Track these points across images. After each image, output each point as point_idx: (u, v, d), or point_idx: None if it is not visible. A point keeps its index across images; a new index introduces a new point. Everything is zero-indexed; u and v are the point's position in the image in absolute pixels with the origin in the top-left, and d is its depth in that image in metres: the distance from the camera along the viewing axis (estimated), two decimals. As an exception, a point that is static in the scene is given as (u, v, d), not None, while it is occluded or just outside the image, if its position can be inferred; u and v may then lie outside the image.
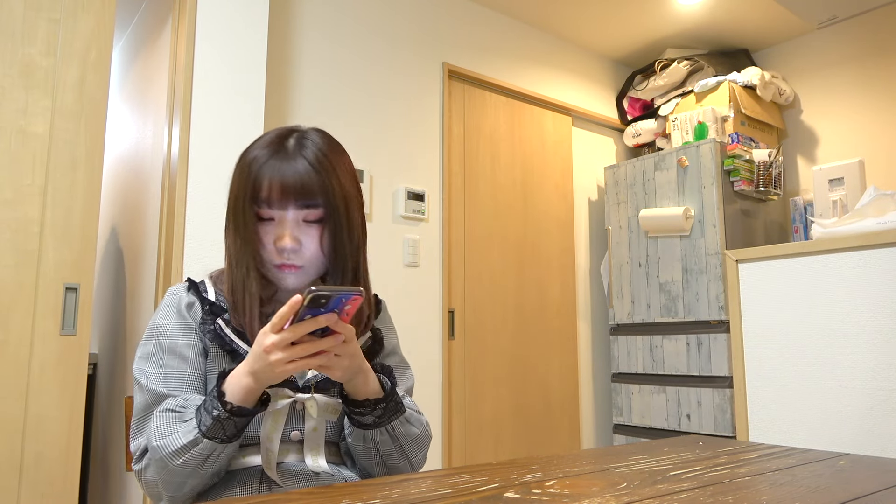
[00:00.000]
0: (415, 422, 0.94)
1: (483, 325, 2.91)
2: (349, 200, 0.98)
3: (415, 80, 2.81)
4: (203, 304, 0.95)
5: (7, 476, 1.64)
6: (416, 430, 0.94)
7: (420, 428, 0.95)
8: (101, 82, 1.89)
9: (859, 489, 0.61)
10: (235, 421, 0.82)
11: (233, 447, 0.85)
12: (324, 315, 0.76)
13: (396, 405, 0.91)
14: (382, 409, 0.89)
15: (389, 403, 0.90)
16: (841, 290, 1.96)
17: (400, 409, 0.92)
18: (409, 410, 0.94)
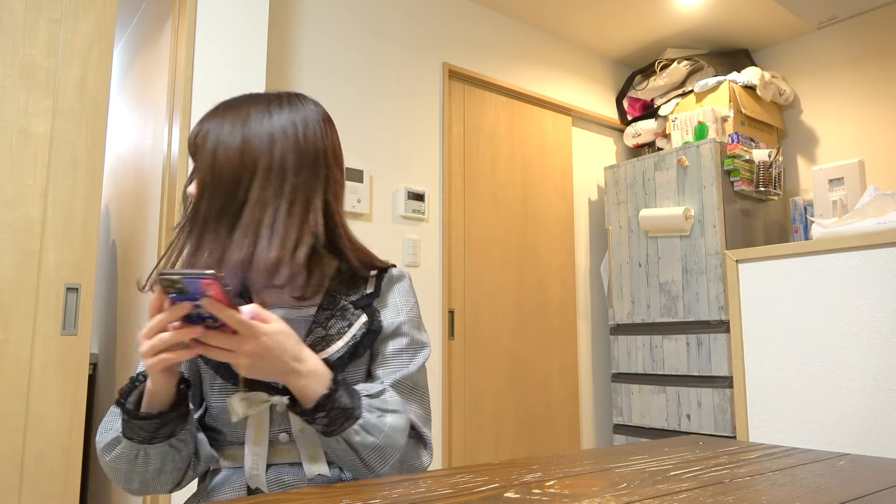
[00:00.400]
0: (372, 430, 0.81)
1: (483, 325, 2.91)
2: (216, 157, 0.89)
3: (415, 80, 2.81)
4: None
5: (8, 475, 1.65)
6: (374, 440, 0.81)
7: (380, 436, 0.81)
8: (102, 83, 1.89)
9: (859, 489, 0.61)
10: (140, 424, 0.80)
11: (166, 446, 0.83)
12: (186, 302, 0.72)
13: (344, 412, 0.79)
14: (325, 418, 0.79)
15: (331, 412, 0.79)
16: (841, 290, 1.96)
17: (351, 415, 0.80)
18: (365, 416, 0.81)
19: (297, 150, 0.90)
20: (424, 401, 0.94)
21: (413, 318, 0.97)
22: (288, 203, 0.89)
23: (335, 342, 0.90)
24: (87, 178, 1.84)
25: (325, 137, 0.94)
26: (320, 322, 0.92)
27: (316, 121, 0.94)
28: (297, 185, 0.90)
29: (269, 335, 0.76)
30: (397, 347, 0.93)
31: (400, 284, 0.99)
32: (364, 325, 0.92)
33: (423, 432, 0.92)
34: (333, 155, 0.95)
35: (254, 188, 0.88)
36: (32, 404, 1.70)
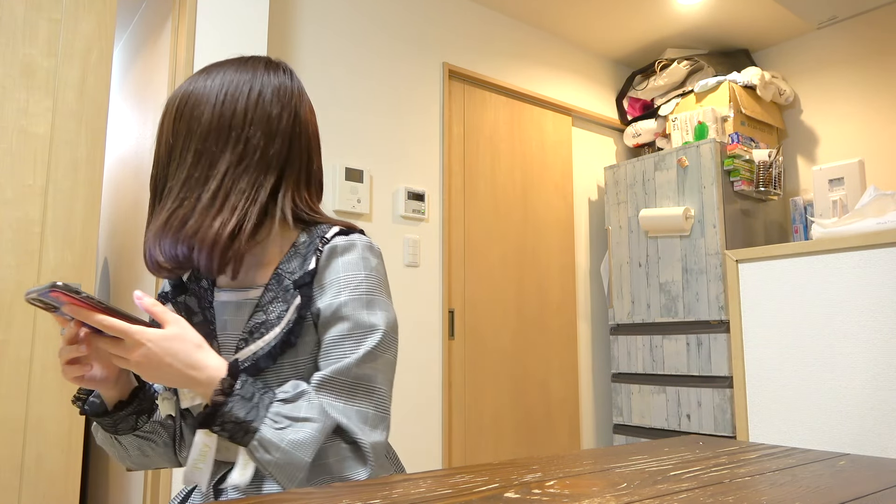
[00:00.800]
0: (269, 446, 0.71)
1: (483, 325, 2.91)
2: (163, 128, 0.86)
3: (415, 80, 2.81)
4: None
5: (8, 476, 1.65)
6: (271, 458, 0.71)
7: (276, 454, 0.71)
8: (102, 83, 1.89)
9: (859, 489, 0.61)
10: (97, 419, 0.85)
11: (134, 437, 0.88)
12: (61, 317, 0.74)
13: (239, 426, 0.71)
14: (223, 431, 0.72)
15: (225, 426, 0.71)
16: (841, 290, 1.96)
17: (247, 429, 0.71)
18: (263, 430, 0.71)
19: (217, 115, 0.83)
20: (374, 397, 0.78)
21: (360, 297, 0.82)
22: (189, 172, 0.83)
23: (274, 328, 0.82)
24: (87, 178, 1.84)
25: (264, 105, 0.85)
26: (262, 305, 0.84)
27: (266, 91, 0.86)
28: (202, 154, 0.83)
29: (154, 342, 0.72)
30: (337, 334, 0.80)
31: (346, 257, 0.84)
32: (296, 309, 0.81)
33: (359, 440, 0.75)
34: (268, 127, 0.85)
35: (175, 157, 0.84)
36: (32, 405, 1.70)
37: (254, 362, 0.80)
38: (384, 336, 0.80)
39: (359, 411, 0.77)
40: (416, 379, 2.63)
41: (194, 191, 0.82)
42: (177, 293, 0.92)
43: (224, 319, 0.88)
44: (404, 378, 2.59)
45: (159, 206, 0.85)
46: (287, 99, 0.88)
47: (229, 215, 0.81)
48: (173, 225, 0.81)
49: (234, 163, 0.83)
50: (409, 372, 2.60)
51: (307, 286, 0.82)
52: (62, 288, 0.68)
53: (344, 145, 2.54)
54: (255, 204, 0.83)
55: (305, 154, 0.90)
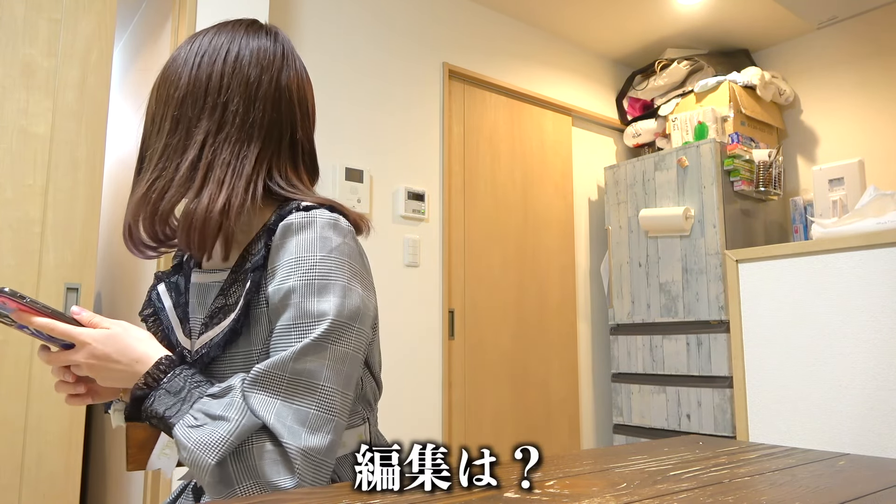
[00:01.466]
0: (179, 444, 0.68)
1: (483, 325, 2.91)
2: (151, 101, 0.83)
3: (415, 80, 2.81)
4: None
5: (8, 476, 1.65)
6: (182, 455, 0.68)
7: (184, 453, 0.67)
8: (102, 83, 1.89)
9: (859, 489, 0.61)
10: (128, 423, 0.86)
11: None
12: (12, 325, 0.74)
13: (160, 421, 0.70)
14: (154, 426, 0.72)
15: (151, 419, 0.71)
16: (841, 290, 1.96)
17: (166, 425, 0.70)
18: (177, 428, 0.68)
19: (193, 79, 0.79)
20: (317, 396, 0.69)
21: (310, 282, 0.72)
22: (167, 141, 0.79)
23: (230, 314, 0.77)
24: (88, 178, 1.84)
25: (242, 68, 0.80)
26: (224, 289, 0.79)
27: (245, 53, 0.81)
28: (178, 121, 0.79)
29: (98, 340, 0.73)
30: (282, 324, 0.72)
31: (300, 236, 0.74)
32: (246, 293, 0.75)
33: (285, 443, 0.67)
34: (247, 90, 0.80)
35: (155, 124, 0.81)
36: (32, 405, 1.70)
37: (207, 350, 0.77)
38: (333, 326, 0.70)
39: (297, 411, 0.68)
40: (416, 379, 2.63)
41: (172, 160, 0.78)
42: (173, 273, 0.90)
43: (194, 301, 0.85)
44: (404, 378, 2.59)
45: (139, 177, 0.82)
46: (267, 62, 0.82)
47: (216, 189, 0.76)
48: (151, 198, 0.77)
49: (214, 131, 0.78)
50: (409, 372, 2.60)
51: (259, 269, 0.75)
52: (8, 293, 0.69)
53: (344, 145, 2.54)
54: (241, 177, 0.77)
55: (288, 123, 0.83)
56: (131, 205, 0.79)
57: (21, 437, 1.68)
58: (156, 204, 0.77)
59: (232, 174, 0.77)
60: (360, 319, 0.74)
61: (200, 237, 0.75)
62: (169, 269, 0.92)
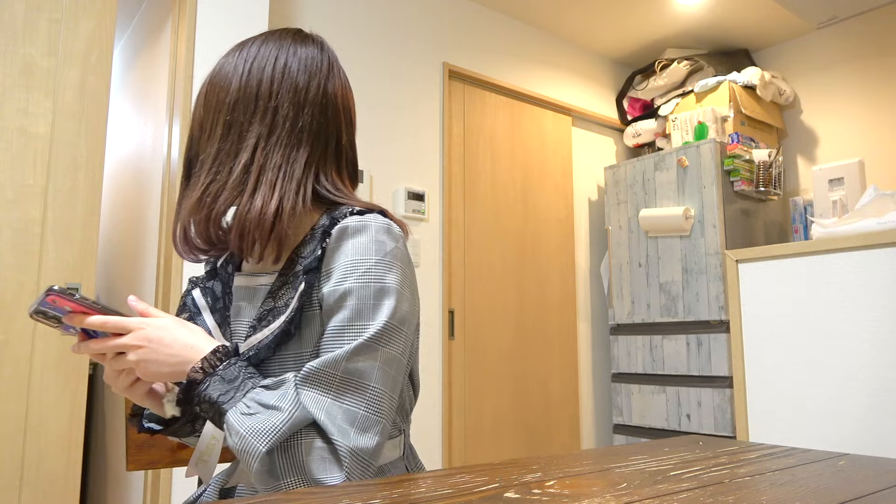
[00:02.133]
0: (231, 430, 0.68)
1: (483, 325, 2.91)
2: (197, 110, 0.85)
3: (415, 80, 2.81)
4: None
5: (8, 475, 1.65)
6: (232, 442, 0.68)
7: (236, 439, 0.68)
8: (102, 83, 1.89)
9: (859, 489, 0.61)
10: (158, 433, 0.85)
11: (196, 437, 0.87)
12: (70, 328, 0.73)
13: (212, 406, 0.70)
14: (202, 412, 0.71)
15: (201, 405, 0.71)
16: (841, 290, 1.96)
17: (219, 410, 0.70)
18: (230, 414, 0.69)
19: (244, 85, 0.81)
20: (366, 395, 0.71)
21: (366, 284, 0.74)
22: (220, 146, 0.81)
23: (280, 317, 0.77)
24: (87, 178, 1.84)
25: (290, 75, 0.82)
26: (273, 291, 0.80)
27: (293, 61, 0.83)
28: (230, 126, 0.80)
29: (151, 325, 0.73)
30: (336, 324, 0.73)
31: (356, 239, 0.76)
32: (299, 297, 0.76)
33: (335, 441, 0.68)
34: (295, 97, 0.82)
35: (205, 130, 0.83)
36: (32, 404, 1.70)
37: (256, 352, 0.76)
38: (385, 328, 0.72)
39: (347, 410, 0.69)
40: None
41: (225, 164, 0.80)
42: (208, 279, 0.91)
43: (239, 305, 0.86)
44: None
45: (191, 181, 0.83)
46: (315, 69, 0.84)
47: (269, 192, 0.77)
48: (206, 201, 0.79)
49: (265, 135, 0.80)
50: (409, 372, 2.60)
51: (313, 272, 0.76)
52: (57, 291, 0.67)
53: (344, 145, 2.53)
54: (293, 180, 0.79)
55: (333, 129, 0.85)
56: (185, 208, 0.81)
57: (21, 437, 1.68)
58: (210, 207, 0.79)
59: (283, 177, 0.79)
60: (407, 324, 0.76)
61: (254, 239, 0.77)
62: (202, 275, 0.92)
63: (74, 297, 0.69)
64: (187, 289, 0.91)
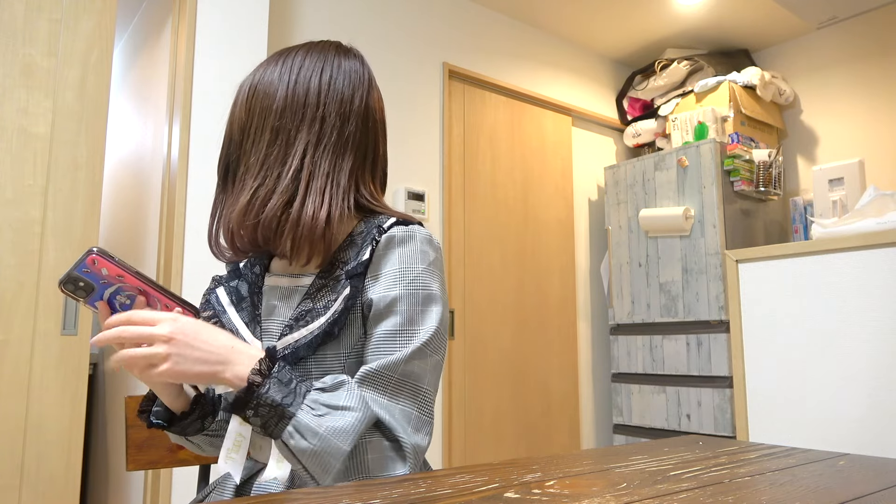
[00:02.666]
0: (306, 432, 0.67)
1: (483, 325, 2.91)
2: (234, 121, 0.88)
3: (415, 80, 2.81)
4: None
5: (8, 475, 1.65)
6: (308, 445, 0.67)
7: (314, 440, 0.67)
8: (102, 83, 1.89)
9: (860, 489, 0.61)
10: (164, 430, 0.84)
11: (204, 436, 0.87)
12: (99, 301, 0.71)
13: (275, 410, 0.67)
14: (256, 416, 0.68)
15: (259, 409, 0.68)
16: (841, 290, 1.96)
17: (283, 414, 0.67)
18: (300, 416, 0.68)
19: (291, 93, 0.84)
20: (419, 397, 0.75)
21: (415, 292, 0.78)
22: (266, 153, 0.82)
23: (320, 318, 0.79)
24: (88, 178, 1.84)
25: (336, 86, 0.85)
26: (311, 293, 0.82)
27: (338, 74, 0.86)
28: (278, 132, 0.82)
29: (182, 319, 0.70)
30: (387, 329, 0.76)
31: (404, 248, 0.80)
32: (344, 300, 0.78)
33: (401, 438, 0.71)
34: (341, 107, 0.85)
35: (250, 135, 0.84)
36: (32, 404, 1.70)
37: (294, 350, 0.78)
38: (436, 336, 0.78)
39: (403, 410, 0.73)
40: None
41: (273, 169, 0.81)
42: (231, 278, 0.92)
43: (272, 304, 0.87)
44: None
45: (235, 185, 0.85)
46: (358, 82, 0.87)
47: (319, 199, 0.80)
48: (255, 206, 0.80)
49: (314, 143, 0.82)
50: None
51: (359, 276, 0.79)
52: (98, 252, 0.67)
53: (344, 145, 2.54)
54: (339, 188, 0.82)
55: (373, 140, 0.88)
56: (234, 212, 0.82)
57: (21, 437, 1.68)
58: (259, 211, 0.80)
59: (331, 185, 0.81)
60: (446, 330, 0.83)
61: (306, 244, 0.79)
62: (224, 274, 0.93)
63: (115, 260, 0.69)
64: (210, 287, 0.92)
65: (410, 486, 0.60)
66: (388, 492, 0.58)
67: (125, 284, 0.72)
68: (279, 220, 0.80)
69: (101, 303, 0.72)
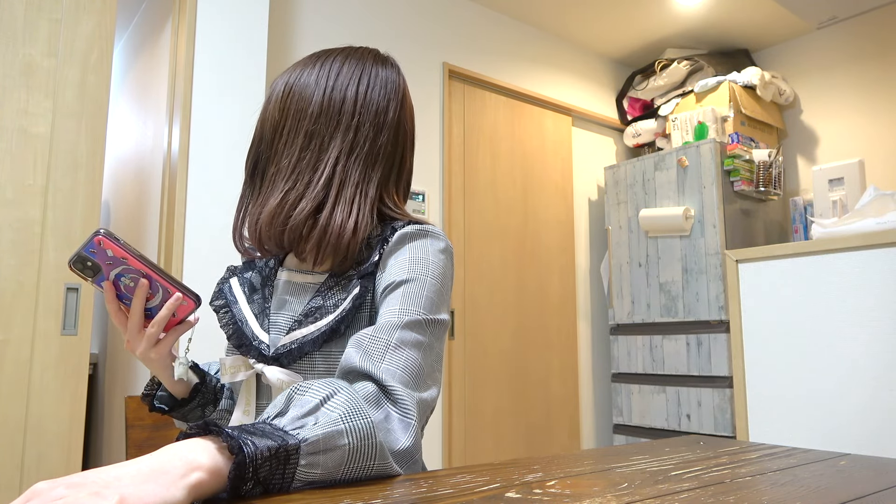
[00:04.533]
0: (323, 443, 0.55)
1: (483, 325, 2.91)
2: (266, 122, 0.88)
3: (415, 81, 2.81)
4: None
5: (8, 475, 1.65)
6: (341, 445, 0.57)
7: (346, 439, 0.57)
8: (102, 83, 1.89)
9: (860, 489, 0.61)
10: (167, 414, 0.89)
11: (190, 411, 0.90)
12: (105, 282, 0.74)
13: (274, 459, 0.52)
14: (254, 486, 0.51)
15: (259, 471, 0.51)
16: (841, 290, 1.96)
17: (287, 453, 0.53)
18: (302, 434, 0.54)
19: (327, 98, 0.84)
20: (415, 367, 0.70)
21: (423, 278, 0.76)
22: (298, 156, 0.83)
23: (328, 315, 0.80)
24: (88, 178, 1.84)
25: (373, 95, 0.85)
26: (322, 290, 0.84)
27: (375, 83, 0.87)
28: (312, 136, 0.83)
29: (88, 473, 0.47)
30: (391, 304, 0.75)
31: (415, 242, 0.80)
32: (353, 299, 0.79)
33: (393, 388, 0.65)
34: (376, 118, 0.85)
35: (283, 135, 0.85)
36: (32, 404, 1.70)
37: (300, 346, 0.79)
38: (438, 324, 0.76)
39: (389, 369, 0.68)
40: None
41: (304, 174, 0.82)
42: (245, 269, 0.93)
43: (284, 298, 0.87)
44: (404, 378, 2.58)
45: (265, 184, 0.85)
46: (394, 93, 0.88)
47: (348, 209, 0.81)
48: (285, 209, 0.81)
49: (346, 151, 0.83)
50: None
51: (369, 276, 0.80)
52: (104, 234, 0.70)
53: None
54: (367, 199, 0.83)
55: (401, 152, 0.89)
56: (264, 212, 0.82)
57: (21, 437, 1.67)
58: (288, 215, 0.81)
59: (360, 196, 0.82)
60: (446, 329, 0.80)
61: (331, 252, 0.80)
62: (239, 265, 0.94)
63: (120, 243, 0.71)
64: (224, 276, 0.93)
65: (412, 486, 0.60)
66: (390, 492, 0.58)
67: (129, 267, 0.73)
68: (307, 226, 0.81)
69: (106, 283, 0.74)
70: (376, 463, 0.60)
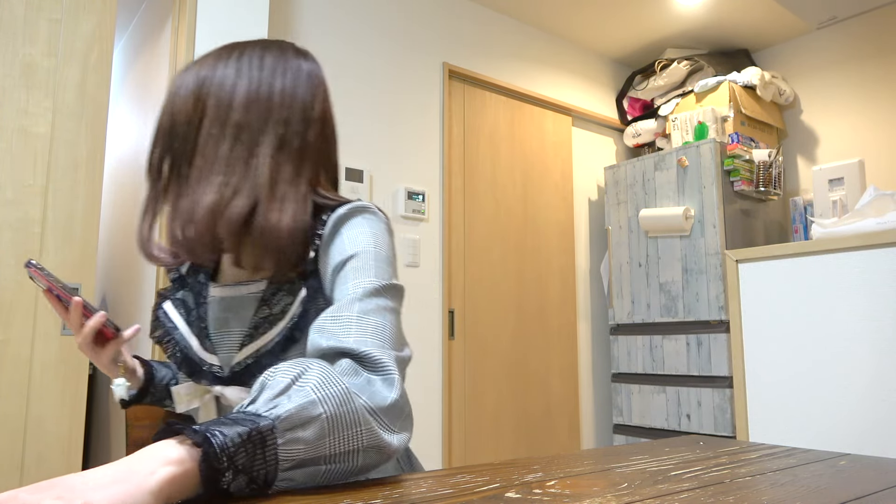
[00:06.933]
0: (296, 417, 0.54)
1: (483, 325, 2.91)
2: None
3: (415, 80, 2.81)
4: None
5: (8, 476, 1.65)
6: (319, 414, 0.56)
7: (321, 408, 0.56)
8: (103, 83, 1.89)
9: (860, 489, 0.61)
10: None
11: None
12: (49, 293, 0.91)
13: (249, 443, 0.51)
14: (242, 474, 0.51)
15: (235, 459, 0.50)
16: (841, 290, 1.96)
17: (263, 436, 0.52)
18: (276, 412, 0.54)
19: (254, 91, 0.80)
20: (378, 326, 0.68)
21: (366, 250, 0.75)
22: (229, 148, 0.77)
23: (278, 323, 0.76)
24: (88, 178, 1.84)
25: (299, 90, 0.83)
26: (266, 298, 0.79)
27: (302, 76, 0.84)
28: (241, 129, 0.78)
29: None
30: (342, 281, 0.73)
31: (353, 220, 0.78)
32: (301, 303, 0.75)
33: (370, 353, 0.64)
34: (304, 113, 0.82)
35: (205, 130, 0.79)
36: (32, 404, 1.70)
37: (256, 359, 0.76)
38: (393, 286, 0.73)
39: (370, 342, 0.66)
40: (416, 379, 2.63)
41: (237, 166, 0.77)
42: (176, 290, 0.88)
43: (224, 316, 0.83)
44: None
45: (191, 181, 0.78)
46: (317, 87, 0.86)
47: (282, 206, 0.76)
48: (223, 200, 0.75)
49: (277, 147, 0.79)
50: (409, 372, 2.60)
51: (313, 274, 0.76)
52: (35, 266, 0.83)
53: (344, 145, 2.54)
54: (299, 194, 0.79)
55: (328, 145, 0.86)
56: (203, 209, 0.75)
57: (21, 437, 1.67)
58: (227, 207, 0.75)
59: (294, 192, 0.78)
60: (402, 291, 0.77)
61: (271, 253, 0.75)
62: (168, 286, 0.89)
63: (44, 272, 0.83)
64: (157, 302, 0.87)
65: (411, 486, 0.60)
66: (389, 492, 0.58)
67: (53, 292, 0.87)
68: (243, 225, 0.75)
69: (49, 294, 0.87)
70: (363, 430, 0.59)
